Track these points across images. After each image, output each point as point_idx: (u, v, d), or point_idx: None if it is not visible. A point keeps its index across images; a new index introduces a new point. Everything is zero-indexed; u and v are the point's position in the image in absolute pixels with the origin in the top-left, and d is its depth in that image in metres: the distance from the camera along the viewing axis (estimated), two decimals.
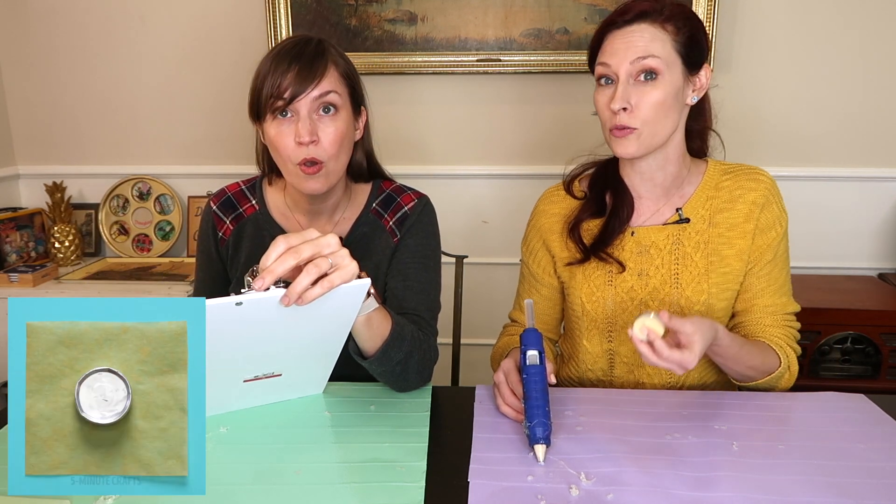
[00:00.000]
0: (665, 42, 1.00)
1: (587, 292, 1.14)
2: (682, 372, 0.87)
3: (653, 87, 1.01)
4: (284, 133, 1.01)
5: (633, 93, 1.01)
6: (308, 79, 0.99)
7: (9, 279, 1.95)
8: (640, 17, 1.01)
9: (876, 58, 1.99)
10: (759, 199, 1.10)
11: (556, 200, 1.20)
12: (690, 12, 1.04)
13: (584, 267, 1.14)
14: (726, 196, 1.11)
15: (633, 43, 1.00)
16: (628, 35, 1.01)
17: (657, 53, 1.00)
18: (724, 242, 1.10)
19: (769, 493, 0.76)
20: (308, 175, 1.02)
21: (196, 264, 1.22)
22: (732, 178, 1.12)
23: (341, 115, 1.03)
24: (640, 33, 1.00)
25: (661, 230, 1.12)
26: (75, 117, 2.24)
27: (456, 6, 2.02)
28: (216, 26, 2.12)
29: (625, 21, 1.02)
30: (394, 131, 2.13)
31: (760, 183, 1.11)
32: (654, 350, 0.86)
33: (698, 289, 1.09)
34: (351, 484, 0.78)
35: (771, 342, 1.09)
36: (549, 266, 1.20)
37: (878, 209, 2.10)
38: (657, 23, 1.00)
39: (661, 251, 1.11)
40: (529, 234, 1.23)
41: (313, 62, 1.00)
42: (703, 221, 1.11)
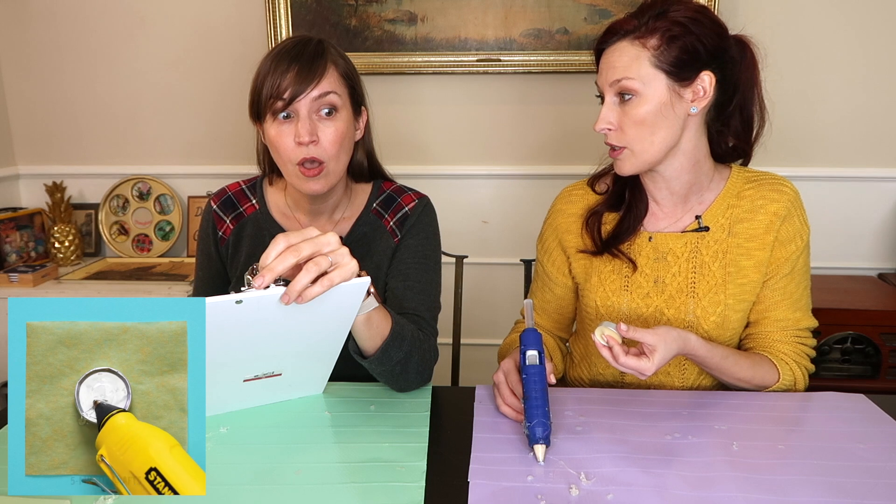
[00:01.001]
0: (642, 59, 0.99)
1: (602, 296, 1.13)
2: (642, 378, 0.93)
3: (633, 105, 1.01)
4: (284, 133, 1.01)
5: (617, 112, 1.02)
6: (308, 79, 0.99)
7: (9, 279, 1.95)
8: (621, 35, 1.01)
9: (877, 58, 1.99)
10: (781, 211, 1.08)
11: (573, 199, 1.19)
12: (684, 18, 0.99)
13: (600, 270, 1.14)
14: (748, 206, 1.09)
15: (611, 64, 1.01)
16: (610, 56, 1.02)
17: (632, 74, 0.99)
18: (743, 253, 1.09)
19: (769, 493, 0.76)
20: (308, 177, 1.02)
21: (196, 263, 1.22)
22: (755, 188, 1.10)
23: (341, 116, 1.03)
24: (619, 53, 1.01)
25: (680, 237, 1.10)
26: (75, 117, 2.24)
27: (456, 6, 2.02)
28: (216, 26, 2.12)
29: (607, 42, 1.03)
30: (394, 131, 2.13)
31: (784, 194, 1.08)
32: (613, 354, 0.91)
33: (715, 299, 1.08)
34: (351, 484, 0.78)
35: (774, 357, 1.07)
36: (563, 266, 1.19)
37: (878, 209, 2.10)
38: (637, 40, 0.99)
39: (678, 259, 1.10)
40: (545, 233, 1.22)
41: (313, 62, 1.00)
42: (722, 231, 1.09)
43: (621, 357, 0.90)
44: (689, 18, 0.99)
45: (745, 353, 1.07)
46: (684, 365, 1.12)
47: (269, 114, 1.01)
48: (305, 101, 1.00)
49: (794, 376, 1.07)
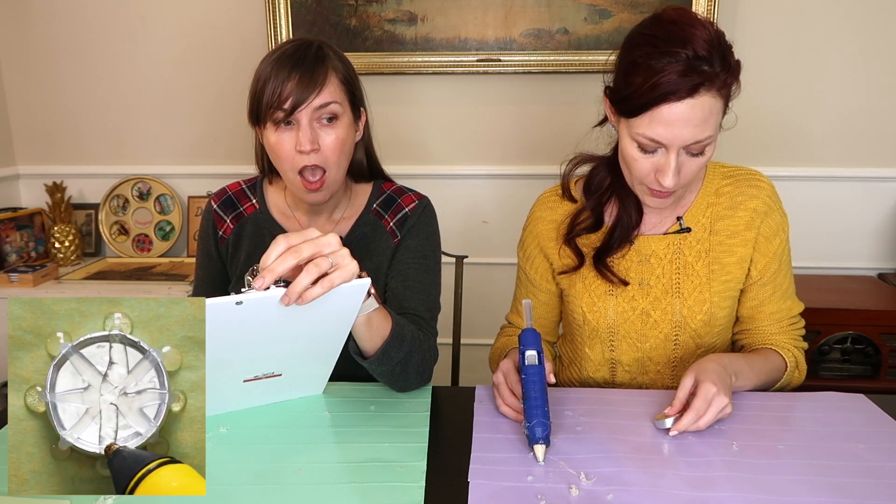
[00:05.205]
0: (718, 108, 0.93)
1: (588, 302, 1.13)
2: (728, 411, 0.89)
3: (704, 155, 0.96)
4: (285, 140, 1.01)
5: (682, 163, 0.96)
6: (309, 88, 0.99)
7: (9, 279, 1.95)
8: (706, 88, 0.91)
9: (876, 58, 1.99)
10: (761, 207, 1.08)
11: (552, 206, 1.18)
12: (728, 41, 0.93)
13: (584, 276, 1.13)
14: (727, 203, 1.10)
15: (690, 121, 0.92)
16: (689, 112, 0.91)
17: (711, 131, 0.93)
18: (725, 251, 1.09)
19: (769, 493, 0.76)
20: (309, 190, 1.03)
21: (196, 263, 1.22)
22: (733, 184, 1.10)
23: (342, 123, 1.03)
24: (701, 109, 0.91)
25: (662, 239, 1.10)
26: (75, 117, 2.24)
27: (456, 6, 2.02)
28: (216, 26, 2.12)
29: (688, 95, 0.91)
30: (394, 131, 2.13)
31: (761, 190, 1.09)
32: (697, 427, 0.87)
33: (700, 298, 1.09)
34: (351, 484, 0.78)
35: (776, 346, 1.10)
36: (546, 272, 1.19)
37: (878, 209, 2.10)
38: (719, 92, 0.92)
39: (661, 260, 1.10)
40: (526, 240, 1.21)
41: (314, 70, 1.00)
42: (703, 230, 1.10)
43: (703, 421, 0.87)
44: (726, 42, 0.94)
45: (757, 356, 1.07)
46: (683, 366, 1.12)
47: (270, 121, 1.01)
48: (307, 110, 0.99)
49: (796, 358, 1.10)
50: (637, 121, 0.94)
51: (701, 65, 0.90)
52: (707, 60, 0.90)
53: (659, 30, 0.93)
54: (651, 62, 0.91)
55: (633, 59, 0.94)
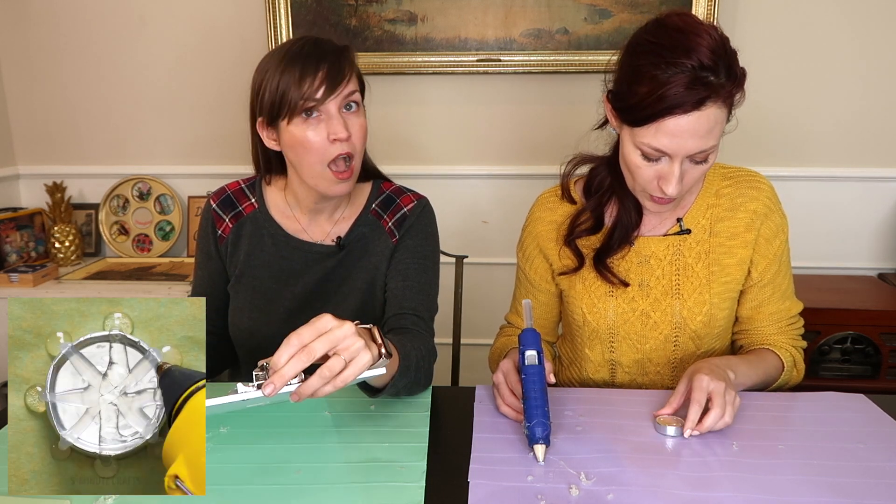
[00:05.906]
0: (723, 117, 0.93)
1: (588, 303, 1.13)
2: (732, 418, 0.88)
3: (707, 162, 0.97)
4: (316, 132, 1.01)
5: (685, 171, 0.97)
6: (338, 78, 1.00)
7: (9, 279, 1.95)
8: (713, 99, 0.90)
9: (876, 58, 1.99)
10: (761, 209, 1.08)
11: (551, 207, 1.17)
12: (734, 50, 0.92)
13: (584, 278, 1.13)
14: (727, 204, 1.10)
15: (696, 132, 0.91)
16: (694, 123, 0.91)
17: (715, 140, 0.93)
18: (725, 252, 1.09)
19: (769, 493, 0.76)
20: (340, 179, 1.03)
21: (195, 262, 1.22)
22: (733, 185, 1.10)
23: (362, 111, 1.06)
24: (707, 119, 0.91)
25: (662, 241, 1.10)
26: (75, 117, 2.24)
27: (456, 6, 2.02)
28: (216, 26, 2.12)
29: (695, 108, 0.90)
30: (394, 131, 2.13)
31: (761, 192, 1.09)
32: (699, 429, 0.87)
33: (700, 299, 1.09)
34: (351, 484, 0.78)
35: (774, 346, 1.10)
36: (546, 273, 1.19)
37: (878, 209, 2.10)
38: (726, 102, 0.92)
39: (661, 262, 1.10)
40: (525, 241, 1.20)
41: (340, 61, 1.01)
42: (703, 231, 1.10)
43: (706, 424, 0.87)
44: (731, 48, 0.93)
45: (755, 357, 1.07)
46: (683, 367, 1.12)
47: (298, 115, 1.00)
48: (337, 99, 1.00)
49: (794, 357, 1.10)
50: (642, 130, 0.94)
51: (706, 75, 0.88)
52: (712, 70, 0.89)
53: (663, 37, 0.92)
54: (656, 72, 0.90)
55: (637, 67, 0.93)
